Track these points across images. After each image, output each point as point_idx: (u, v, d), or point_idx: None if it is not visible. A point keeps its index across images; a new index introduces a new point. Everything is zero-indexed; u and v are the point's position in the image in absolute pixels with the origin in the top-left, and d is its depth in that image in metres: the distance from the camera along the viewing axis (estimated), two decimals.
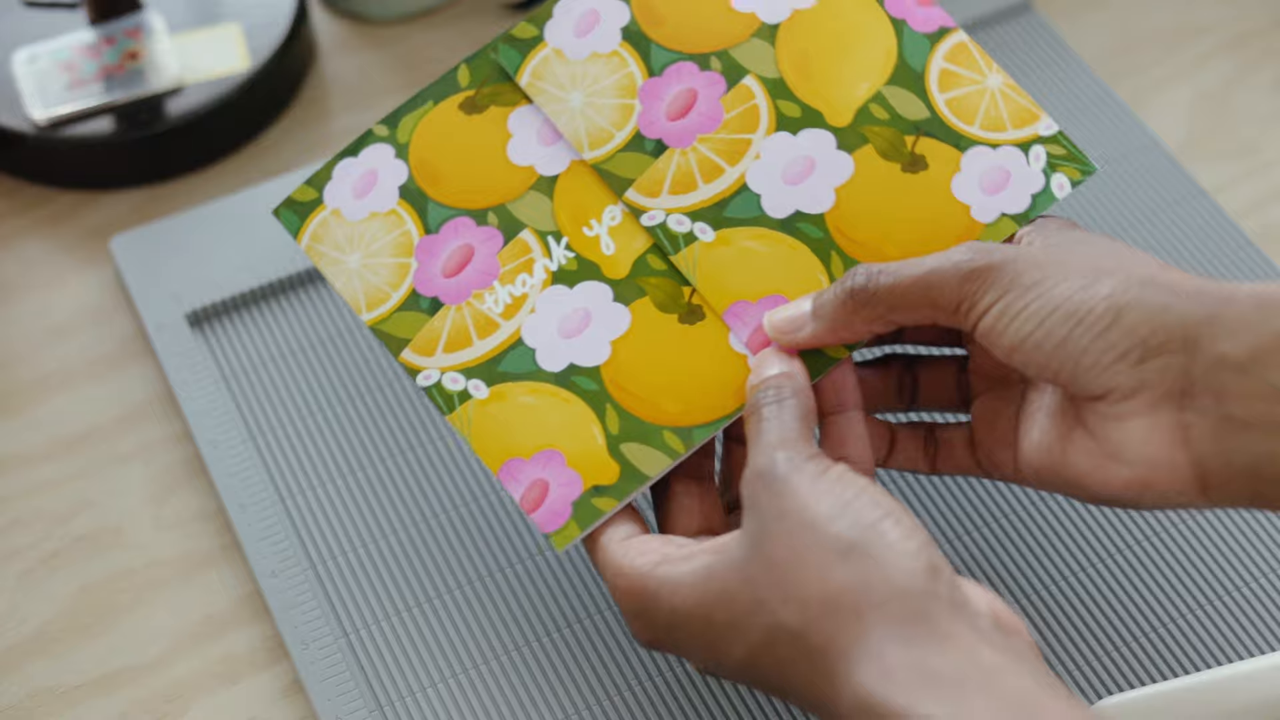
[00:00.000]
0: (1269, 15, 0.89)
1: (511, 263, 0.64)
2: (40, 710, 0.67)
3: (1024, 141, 0.63)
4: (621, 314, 0.63)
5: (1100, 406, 0.56)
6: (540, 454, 0.61)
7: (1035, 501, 0.70)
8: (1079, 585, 0.68)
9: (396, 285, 0.65)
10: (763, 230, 0.63)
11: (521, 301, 0.64)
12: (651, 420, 0.62)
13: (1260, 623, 0.66)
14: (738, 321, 0.62)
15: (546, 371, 0.63)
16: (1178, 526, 0.69)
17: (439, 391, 0.63)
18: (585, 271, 0.64)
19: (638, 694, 0.65)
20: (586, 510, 0.60)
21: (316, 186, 0.67)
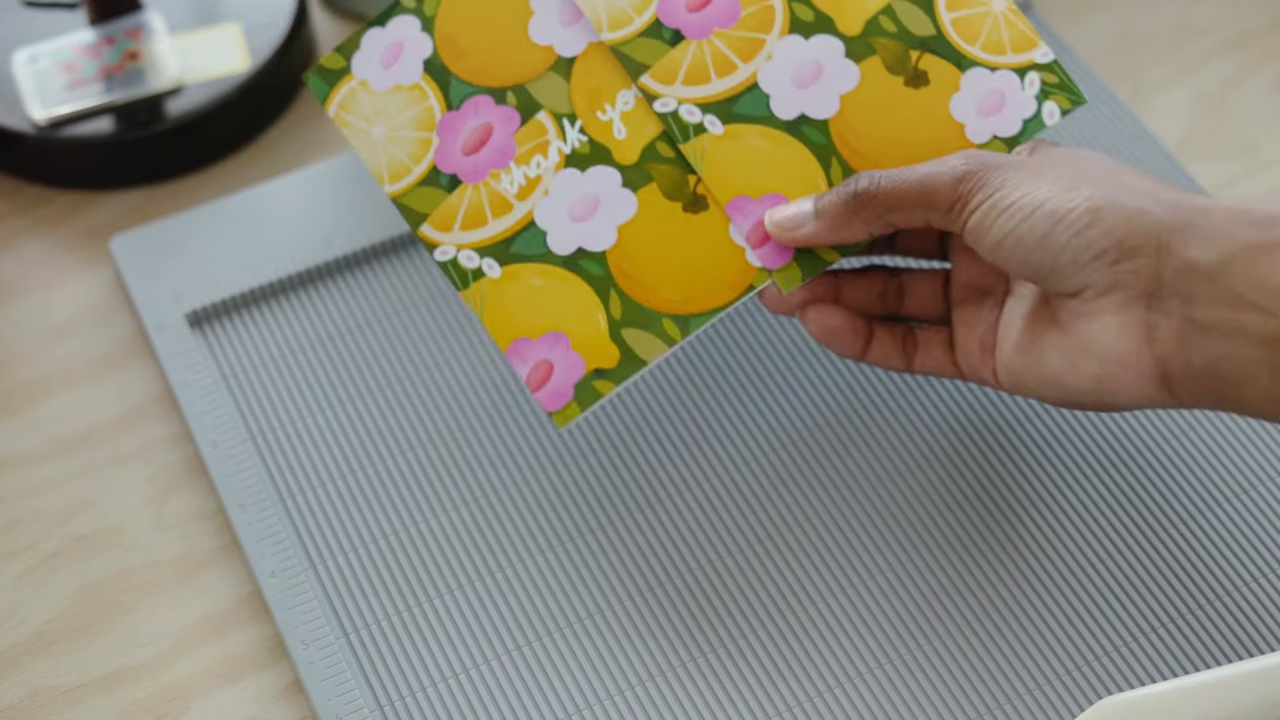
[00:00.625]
0: (1269, 15, 0.89)
1: (528, 144, 0.66)
2: (40, 710, 0.67)
3: (1021, 67, 0.65)
4: (629, 200, 0.65)
5: (1074, 303, 0.60)
6: (547, 335, 0.64)
7: (1035, 501, 0.70)
8: (1079, 585, 0.68)
9: (418, 159, 0.67)
10: (769, 130, 0.65)
11: (536, 183, 0.66)
12: (652, 307, 0.64)
13: (1260, 623, 0.66)
14: (739, 215, 0.64)
15: (556, 254, 0.65)
16: (1177, 526, 0.69)
17: (454, 268, 0.65)
18: (597, 155, 0.66)
19: (638, 694, 0.65)
20: (588, 392, 0.63)
21: (345, 55, 0.68)
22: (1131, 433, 0.72)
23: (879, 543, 0.69)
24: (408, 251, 0.78)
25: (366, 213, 0.79)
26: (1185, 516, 0.69)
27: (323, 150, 0.85)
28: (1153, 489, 0.70)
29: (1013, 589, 0.67)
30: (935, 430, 0.72)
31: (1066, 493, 0.70)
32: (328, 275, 0.78)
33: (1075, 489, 0.70)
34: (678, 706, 0.65)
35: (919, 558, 0.68)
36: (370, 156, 0.67)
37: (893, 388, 0.73)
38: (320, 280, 0.78)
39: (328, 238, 0.79)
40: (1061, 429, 0.72)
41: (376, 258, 0.78)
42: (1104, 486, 0.70)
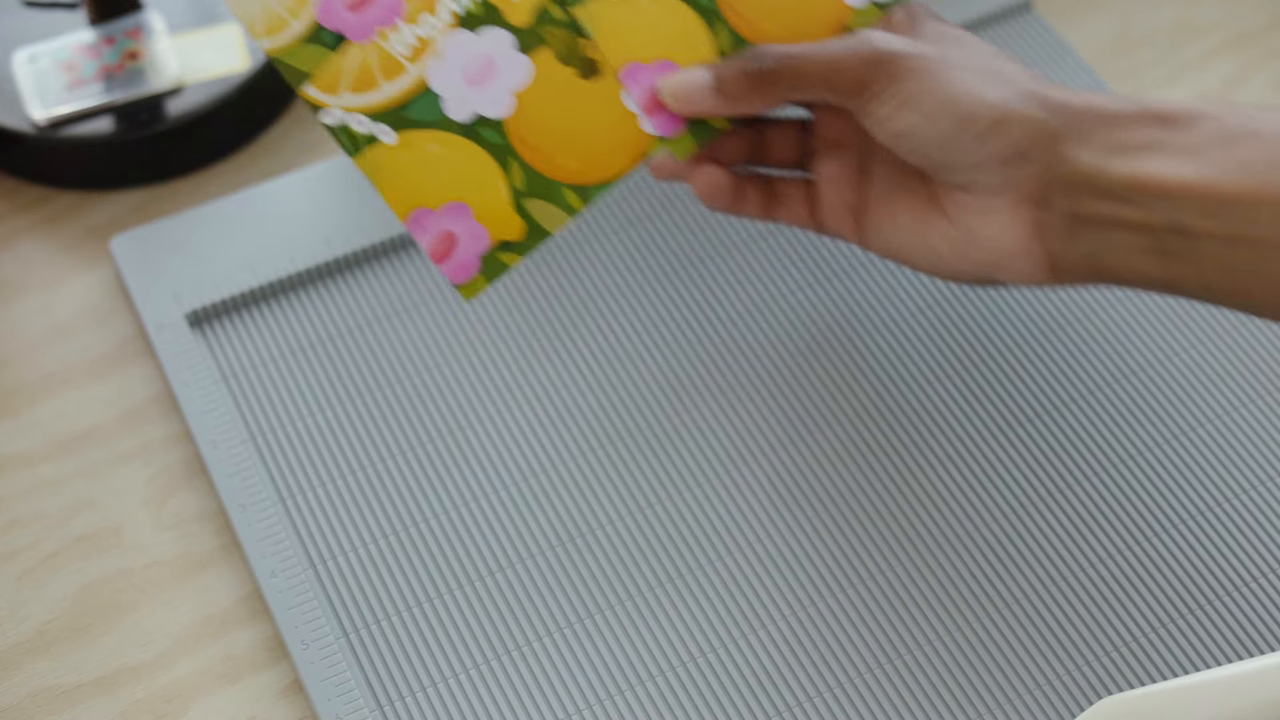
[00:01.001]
0: (1269, 15, 0.89)
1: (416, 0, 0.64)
2: (40, 710, 0.67)
3: None
4: (524, 64, 0.64)
5: (964, 198, 0.64)
6: (448, 206, 0.63)
7: (1034, 501, 0.70)
8: (1079, 585, 0.68)
9: (296, 12, 0.64)
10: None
11: (427, 44, 0.64)
12: (552, 176, 0.63)
13: (1260, 623, 0.66)
14: (631, 81, 0.64)
15: (453, 121, 0.64)
16: (1177, 527, 0.69)
17: (345, 133, 0.63)
18: (489, 16, 0.64)
19: (639, 693, 0.65)
20: (494, 264, 0.63)
21: None
22: (1131, 432, 0.72)
23: (879, 543, 0.69)
24: (408, 251, 0.78)
25: (366, 213, 0.79)
26: (1185, 516, 0.69)
27: (323, 150, 0.85)
28: (1153, 489, 0.70)
29: (1013, 589, 0.68)
30: (935, 430, 0.72)
31: (1066, 492, 0.70)
32: (328, 275, 0.78)
33: (1075, 489, 0.70)
34: (677, 706, 0.65)
35: (919, 558, 0.68)
36: (241, 6, 0.63)
37: (893, 387, 0.73)
38: (320, 280, 0.78)
39: (328, 238, 0.79)
40: (1062, 429, 0.72)
41: (376, 258, 0.78)
42: (1104, 486, 0.70)
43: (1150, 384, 0.73)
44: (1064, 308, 0.76)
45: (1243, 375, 0.74)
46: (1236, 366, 0.74)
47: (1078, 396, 0.73)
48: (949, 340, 0.75)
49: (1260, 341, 0.75)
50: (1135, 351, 0.75)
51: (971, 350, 0.75)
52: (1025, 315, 0.76)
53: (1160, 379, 0.74)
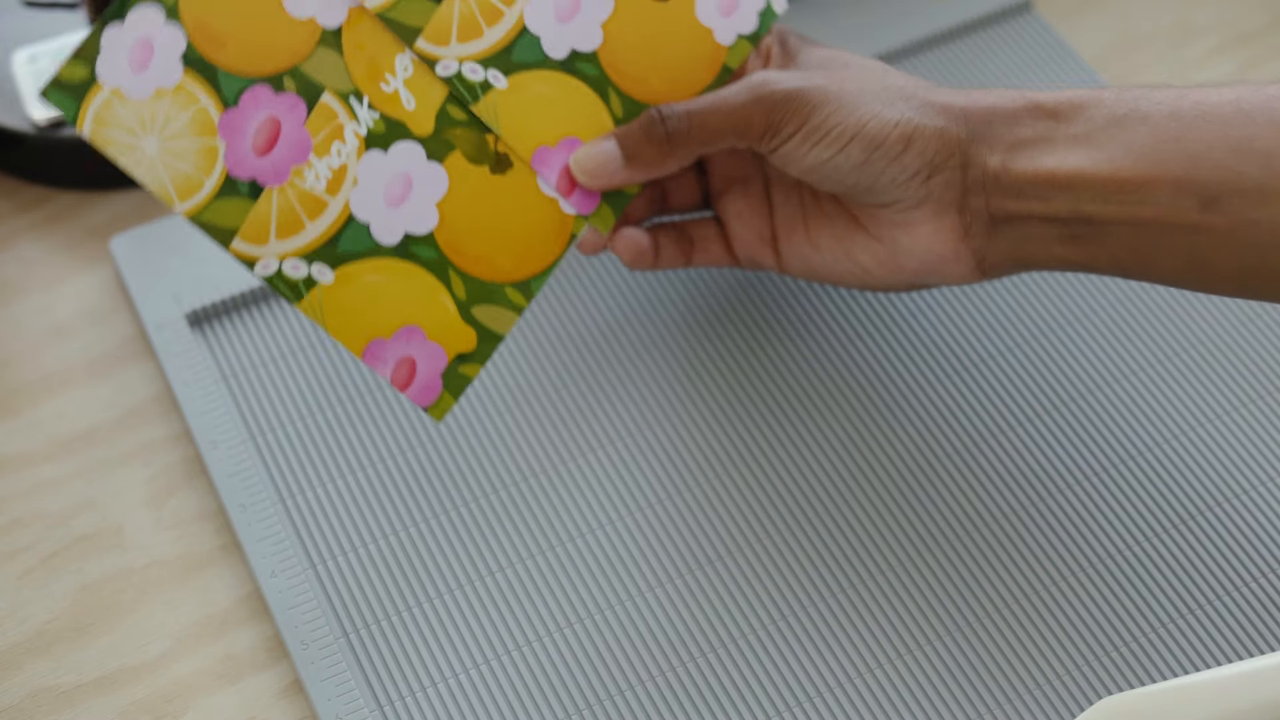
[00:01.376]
0: (1269, 15, 0.89)
1: (321, 131, 0.62)
2: (40, 710, 0.67)
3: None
4: (438, 173, 0.64)
5: (885, 213, 0.66)
6: (401, 331, 0.63)
7: (1034, 501, 0.70)
8: (1079, 585, 0.68)
9: (208, 170, 0.61)
10: (548, 73, 0.65)
11: (343, 174, 0.63)
12: (491, 278, 0.64)
13: (1260, 623, 0.66)
14: (543, 166, 0.64)
15: (385, 246, 0.63)
16: (1177, 527, 0.69)
17: (282, 280, 0.62)
18: (394, 131, 0.63)
19: (639, 693, 0.65)
20: (455, 379, 0.64)
21: (87, 61, 0.58)
22: (1132, 432, 0.72)
23: (879, 543, 0.69)
24: None
25: None
26: (1185, 516, 0.69)
27: None
28: (1153, 489, 0.70)
29: (1013, 589, 0.67)
30: (935, 430, 0.72)
31: (1066, 492, 0.70)
32: None
33: (1075, 489, 0.70)
34: (677, 706, 0.65)
35: (919, 558, 0.68)
36: (149, 175, 0.59)
37: (893, 388, 0.73)
38: None
39: None
40: (1062, 428, 0.72)
41: None
42: (1104, 486, 0.70)
43: (1150, 384, 0.73)
44: (1063, 308, 0.76)
45: (1243, 375, 0.74)
46: (1236, 366, 0.74)
47: (1077, 396, 0.73)
48: (948, 341, 0.75)
49: (1260, 341, 0.75)
50: (1135, 351, 0.75)
51: (971, 351, 0.75)
52: (1025, 315, 0.76)
53: (1160, 379, 0.74)
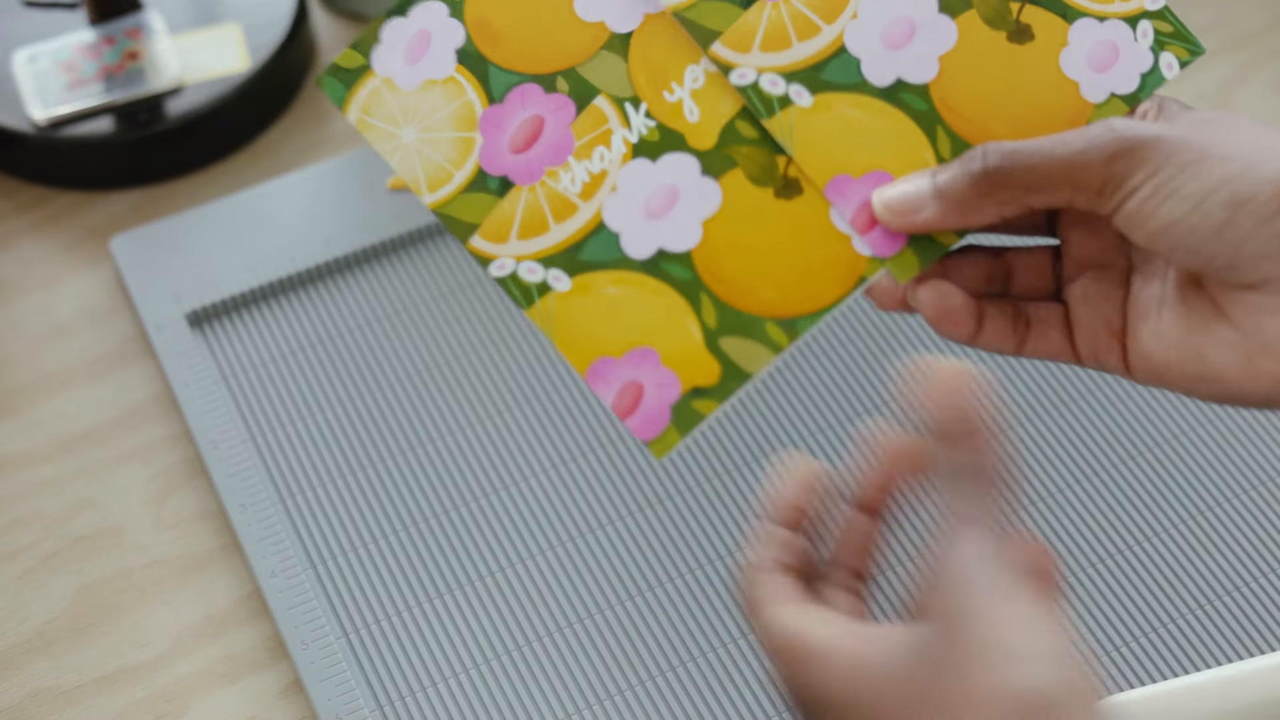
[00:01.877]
0: (1269, 15, 0.89)
1: (587, 135, 0.59)
2: (40, 710, 0.67)
3: (1131, 15, 0.58)
4: (711, 189, 0.58)
5: (1250, 297, 0.53)
6: (633, 352, 0.57)
7: (1034, 501, 0.70)
8: (1079, 585, 0.68)
9: (460, 163, 0.59)
10: (864, 98, 0.58)
11: (601, 179, 0.58)
12: (751, 311, 0.57)
13: (1260, 623, 0.66)
14: (840, 197, 0.57)
15: (633, 259, 0.57)
16: (1178, 526, 0.69)
17: (515, 283, 0.58)
18: (669, 142, 0.58)
19: (638, 693, 0.65)
20: (687, 414, 0.56)
21: (363, 51, 0.60)
22: (1132, 432, 0.72)
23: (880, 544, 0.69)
24: (407, 251, 0.78)
25: (366, 213, 0.79)
26: (1185, 516, 0.69)
27: (323, 150, 0.85)
28: (1153, 489, 0.70)
29: None
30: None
31: (1066, 492, 0.70)
32: (328, 275, 0.78)
33: (1075, 489, 0.70)
34: (677, 706, 0.65)
35: (919, 557, 0.68)
36: (403, 164, 0.59)
37: (890, 390, 0.73)
38: (320, 280, 0.78)
39: (328, 238, 0.79)
40: (1061, 428, 0.72)
41: (376, 258, 0.78)
42: (1104, 486, 0.70)
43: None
44: None
45: None
46: None
47: (1077, 396, 0.73)
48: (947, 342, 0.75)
49: None
50: None
51: (970, 351, 0.75)
52: None
53: None
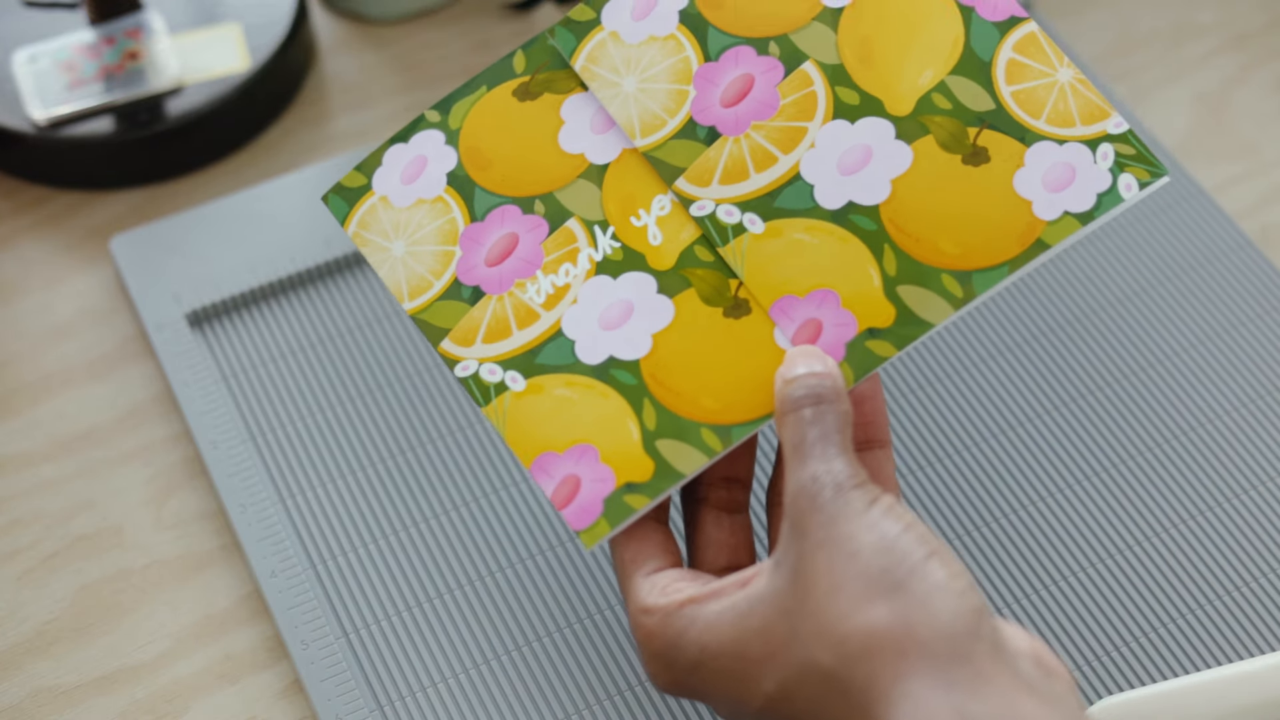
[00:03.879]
0: (1269, 15, 0.89)
1: (556, 252, 0.63)
2: (40, 710, 0.67)
3: (1092, 139, 0.61)
4: (665, 306, 0.62)
5: None
6: (574, 448, 0.60)
7: (1035, 501, 0.70)
8: (1079, 585, 0.68)
9: (439, 273, 0.64)
10: (814, 221, 0.61)
11: (564, 292, 0.63)
12: (689, 416, 0.60)
13: (1260, 623, 0.66)
14: (784, 317, 0.60)
15: (585, 364, 0.61)
16: (1178, 526, 0.69)
17: (476, 383, 0.62)
18: (630, 262, 0.63)
19: (638, 694, 0.65)
20: (618, 507, 0.59)
21: (366, 173, 0.66)
22: (1132, 432, 0.72)
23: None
24: None
25: None
26: (1185, 516, 0.69)
27: (323, 150, 0.85)
28: (1153, 489, 0.70)
29: (1013, 589, 0.67)
30: (935, 430, 0.72)
31: (1066, 492, 0.70)
32: (328, 275, 0.78)
33: (1075, 489, 0.70)
34: (677, 706, 0.65)
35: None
36: (389, 274, 0.64)
37: (893, 389, 0.73)
38: (320, 280, 0.78)
39: (328, 238, 0.79)
40: (1061, 428, 0.72)
41: None
42: (1104, 486, 0.70)
43: (1150, 384, 0.73)
44: (1063, 308, 0.76)
45: (1243, 375, 0.74)
46: (1236, 366, 0.74)
47: (1077, 396, 0.73)
48: (947, 340, 0.75)
49: (1260, 341, 0.75)
50: (1135, 351, 0.75)
51: (970, 351, 0.75)
52: (1024, 316, 0.76)
53: (1160, 379, 0.74)
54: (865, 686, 0.52)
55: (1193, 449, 0.71)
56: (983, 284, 0.60)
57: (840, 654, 0.52)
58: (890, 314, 0.59)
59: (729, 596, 0.55)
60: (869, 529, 0.54)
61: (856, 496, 0.55)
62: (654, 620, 0.56)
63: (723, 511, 0.61)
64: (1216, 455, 0.71)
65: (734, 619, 0.55)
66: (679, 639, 0.56)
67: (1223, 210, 0.79)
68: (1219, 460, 0.71)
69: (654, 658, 0.57)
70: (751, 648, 0.54)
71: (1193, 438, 0.72)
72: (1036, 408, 0.73)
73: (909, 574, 0.53)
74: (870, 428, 0.60)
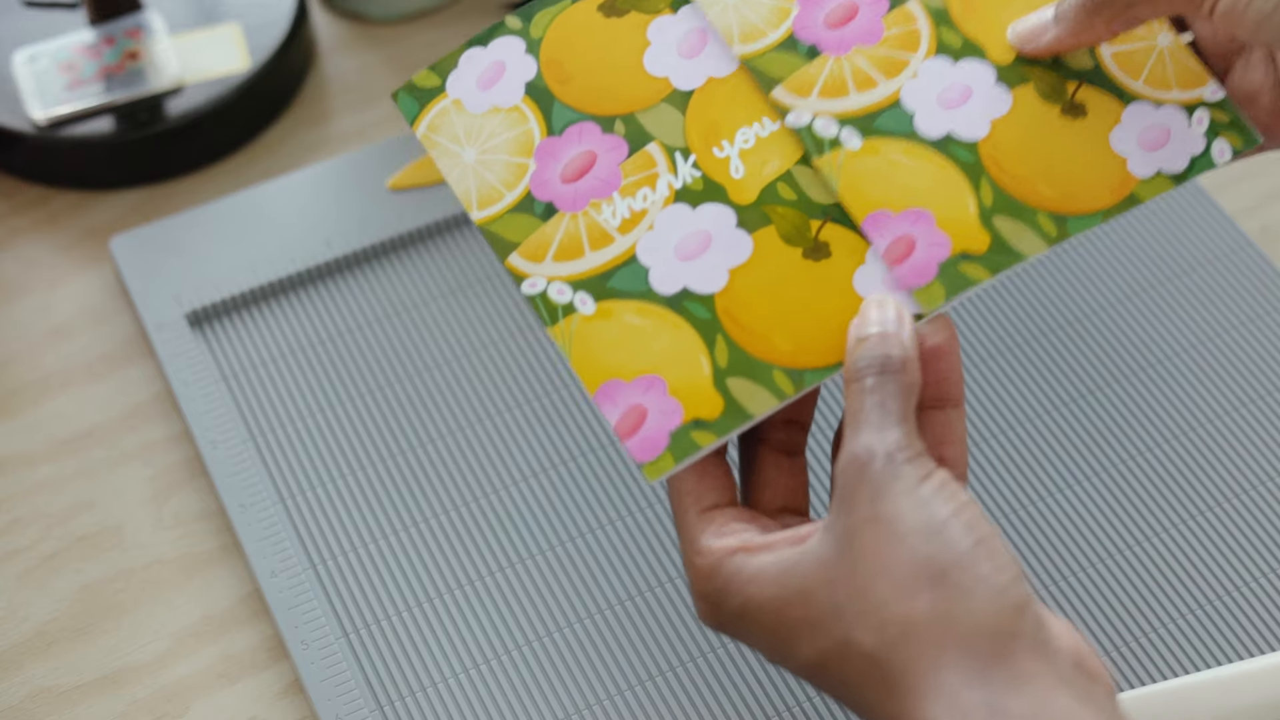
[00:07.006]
0: None
1: (634, 175, 0.62)
2: (40, 710, 0.67)
3: (1189, 103, 0.61)
4: (744, 241, 0.61)
5: None
6: (642, 378, 0.59)
7: (1035, 501, 0.70)
8: (1079, 585, 0.68)
9: (511, 185, 0.62)
10: (913, 145, 0.61)
11: (640, 217, 0.61)
12: (762, 357, 0.59)
13: (1260, 623, 0.66)
14: (876, 231, 0.59)
15: (658, 293, 0.60)
16: (1178, 526, 0.69)
17: (543, 301, 0.61)
18: (710, 193, 0.61)
19: (638, 694, 0.65)
20: (684, 443, 0.58)
21: (440, 73, 0.64)
22: (1132, 432, 0.72)
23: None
24: (407, 251, 0.78)
25: (366, 213, 0.79)
26: (1185, 516, 0.69)
27: (323, 150, 0.85)
28: (1153, 489, 0.70)
29: None
30: None
31: (1067, 492, 0.70)
32: (328, 275, 0.78)
33: (1075, 488, 0.70)
34: (677, 707, 0.65)
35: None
36: (458, 180, 0.63)
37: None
38: (320, 280, 0.78)
39: (328, 238, 0.79)
40: (1061, 428, 0.72)
41: (376, 258, 0.78)
42: (1104, 486, 0.70)
43: (1150, 383, 0.74)
44: (1063, 308, 0.76)
45: (1243, 375, 0.74)
46: (1236, 366, 0.74)
47: (1077, 396, 0.73)
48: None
49: (1260, 341, 0.75)
50: (1135, 352, 0.75)
51: (970, 350, 0.75)
52: (1024, 315, 0.76)
53: (1160, 378, 0.74)
54: (902, 672, 0.52)
55: (1193, 449, 0.71)
56: (1077, 227, 0.60)
57: (881, 638, 0.52)
58: (985, 240, 0.59)
59: (780, 551, 0.55)
60: (918, 509, 0.53)
61: (908, 471, 0.54)
62: (707, 562, 0.56)
63: (781, 453, 0.60)
64: (1216, 455, 0.71)
65: (777, 574, 0.54)
66: (727, 585, 0.55)
67: (1223, 210, 0.79)
68: (1219, 460, 0.71)
69: (702, 597, 0.57)
70: (792, 608, 0.54)
71: (1193, 438, 0.72)
72: (1036, 408, 0.73)
73: (954, 563, 0.52)
74: (944, 384, 0.58)
